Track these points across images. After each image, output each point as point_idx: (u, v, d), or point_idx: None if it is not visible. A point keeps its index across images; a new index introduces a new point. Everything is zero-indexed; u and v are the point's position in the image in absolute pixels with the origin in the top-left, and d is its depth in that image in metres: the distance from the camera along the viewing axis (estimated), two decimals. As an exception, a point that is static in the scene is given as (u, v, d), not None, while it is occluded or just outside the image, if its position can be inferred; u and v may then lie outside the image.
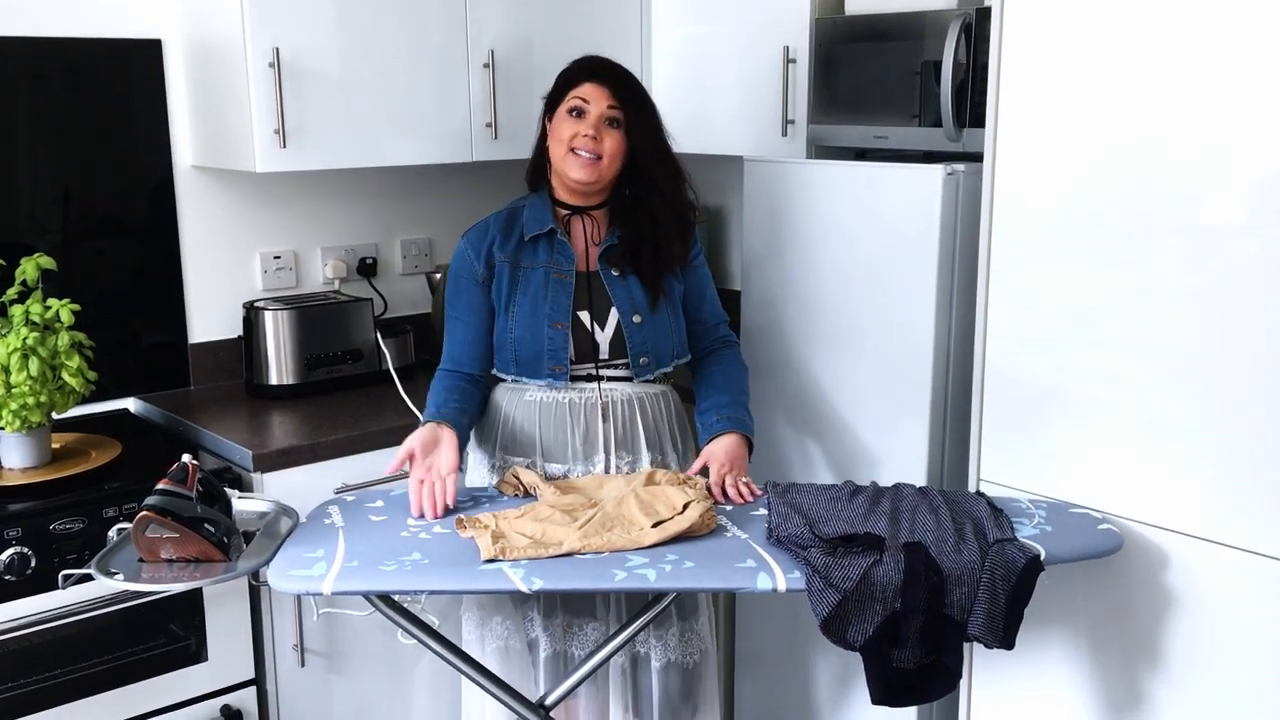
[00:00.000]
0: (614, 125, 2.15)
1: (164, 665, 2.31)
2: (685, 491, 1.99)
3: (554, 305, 2.19)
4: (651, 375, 2.24)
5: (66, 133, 2.61)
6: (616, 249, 2.23)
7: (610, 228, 2.24)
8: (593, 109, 2.14)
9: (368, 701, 2.56)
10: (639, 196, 2.22)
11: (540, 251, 2.22)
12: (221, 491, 1.94)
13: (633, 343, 2.21)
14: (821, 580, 1.75)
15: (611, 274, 2.22)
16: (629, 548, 1.85)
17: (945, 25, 2.33)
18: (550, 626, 2.24)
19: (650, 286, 2.23)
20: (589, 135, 2.13)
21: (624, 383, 2.24)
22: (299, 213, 2.97)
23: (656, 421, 2.26)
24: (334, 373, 2.81)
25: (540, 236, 2.22)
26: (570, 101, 2.16)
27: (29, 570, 2.13)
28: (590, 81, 2.15)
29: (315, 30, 2.53)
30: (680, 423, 2.33)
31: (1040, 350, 2.10)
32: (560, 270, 2.20)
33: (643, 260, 2.22)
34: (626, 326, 2.21)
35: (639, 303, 2.22)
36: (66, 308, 2.25)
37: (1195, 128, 1.85)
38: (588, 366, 2.21)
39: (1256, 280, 1.81)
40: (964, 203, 2.27)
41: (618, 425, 2.22)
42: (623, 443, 2.23)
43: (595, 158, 2.14)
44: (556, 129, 2.17)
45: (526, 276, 2.21)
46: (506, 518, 1.94)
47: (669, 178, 2.22)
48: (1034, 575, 1.82)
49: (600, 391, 2.22)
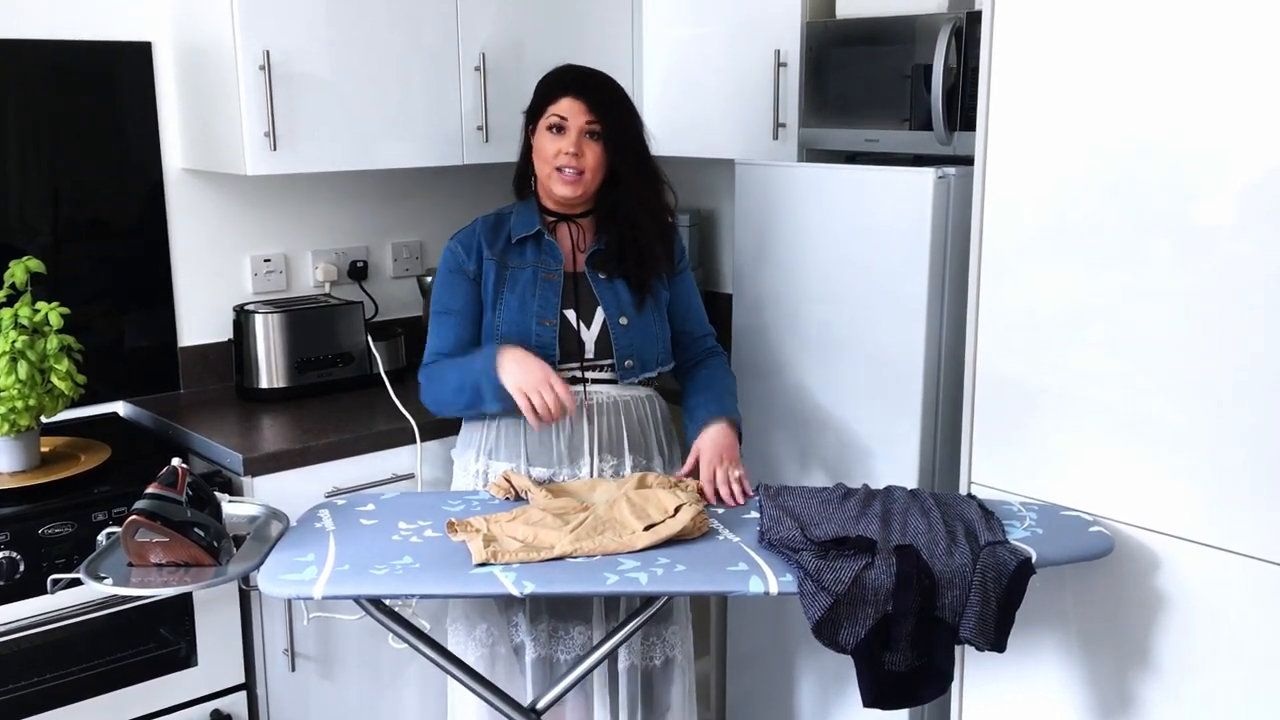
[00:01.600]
0: (593, 138, 2.18)
1: (154, 670, 2.30)
2: (677, 494, 1.99)
3: (543, 303, 2.20)
4: (636, 379, 2.25)
5: (56, 135, 2.60)
6: (602, 254, 2.25)
7: (596, 234, 2.26)
8: (571, 124, 2.16)
9: (358, 706, 2.55)
10: (618, 202, 2.24)
11: (528, 252, 2.24)
12: (211, 495, 1.94)
13: (619, 344, 2.22)
14: (813, 583, 1.75)
15: (599, 277, 2.24)
16: (621, 551, 1.84)
17: (936, 29, 2.34)
18: (535, 631, 2.24)
19: (637, 289, 2.24)
20: (571, 153, 2.15)
21: (608, 385, 2.24)
22: (289, 216, 2.96)
23: (642, 425, 2.26)
24: (324, 376, 2.80)
25: (527, 238, 2.24)
26: (549, 119, 2.18)
27: (17, 575, 2.12)
28: (566, 96, 2.18)
29: (305, 33, 2.53)
30: (666, 428, 2.34)
31: (1031, 353, 2.10)
32: (548, 270, 2.22)
33: (628, 263, 2.24)
34: (613, 327, 2.22)
35: (625, 304, 2.23)
36: (56, 311, 2.24)
37: (1185, 130, 1.86)
38: (573, 366, 2.22)
39: (1247, 283, 1.82)
40: (955, 206, 2.27)
41: (602, 428, 2.22)
42: (607, 446, 2.23)
43: (578, 173, 2.16)
44: (539, 146, 2.20)
45: (514, 276, 2.22)
46: (498, 521, 1.93)
47: (646, 183, 2.24)
48: (1025, 578, 1.82)
49: (585, 394, 2.22)
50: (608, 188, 2.24)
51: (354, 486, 2.45)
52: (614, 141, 2.19)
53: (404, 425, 2.53)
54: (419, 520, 2.00)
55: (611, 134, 2.18)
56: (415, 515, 2.02)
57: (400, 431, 2.52)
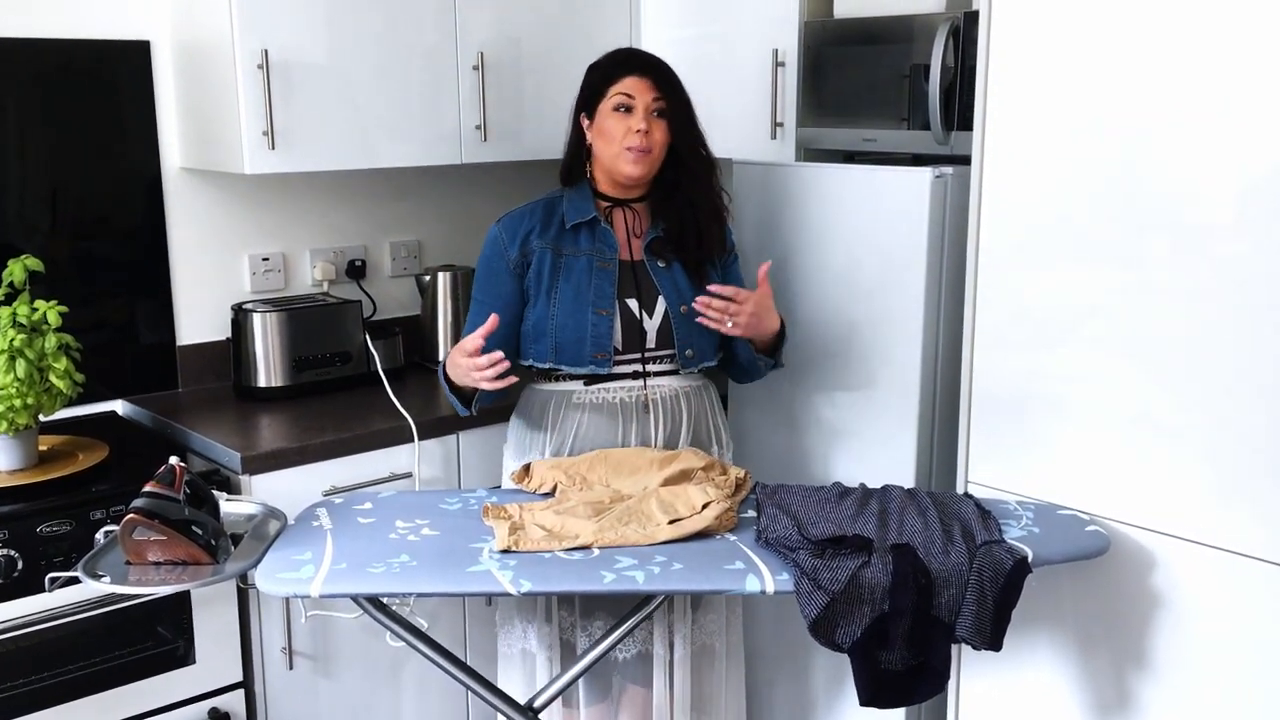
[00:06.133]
0: (660, 116, 2.17)
1: (152, 668, 2.30)
2: (706, 491, 2.00)
3: (598, 292, 2.19)
4: (696, 368, 2.26)
5: (54, 134, 2.60)
6: (660, 239, 2.24)
7: (652, 220, 2.26)
8: (639, 103, 2.15)
9: (356, 704, 2.55)
10: (677, 184, 2.23)
11: (582, 239, 2.22)
12: (209, 494, 1.94)
13: (679, 333, 2.22)
14: (810, 582, 1.76)
15: (657, 265, 2.23)
16: (643, 543, 1.86)
17: (933, 29, 2.34)
18: (589, 627, 2.23)
19: (694, 274, 2.24)
20: (642, 130, 2.14)
21: (669, 377, 2.24)
22: (288, 214, 2.96)
23: (699, 415, 2.27)
24: (322, 375, 2.80)
25: (581, 225, 2.22)
26: (614, 98, 2.16)
27: (15, 573, 2.12)
28: (631, 75, 2.17)
29: (304, 32, 2.53)
30: (720, 418, 2.34)
31: (1028, 352, 2.10)
32: (603, 258, 2.21)
33: (686, 248, 2.23)
34: (674, 316, 2.21)
35: (684, 292, 2.22)
36: (54, 309, 2.24)
37: (1183, 129, 1.86)
38: (634, 357, 2.21)
39: (1244, 282, 1.82)
40: (952, 205, 2.28)
41: (665, 422, 2.23)
42: (670, 440, 2.23)
43: (646, 152, 2.15)
44: (604, 127, 2.18)
45: (569, 263, 2.21)
46: (530, 510, 1.96)
47: (705, 166, 2.24)
48: (1021, 577, 1.83)
49: (646, 388, 2.22)
50: (665, 170, 2.23)
51: (352, 485, 2.45)
52: (678, 120, 2.18)
53: (402, 424, 2.53)
54: (416, 519, 2.00)
55: (675, 113, 2.18)
56: (413, 514, 2.03)
57: (398, 430, 2.53)
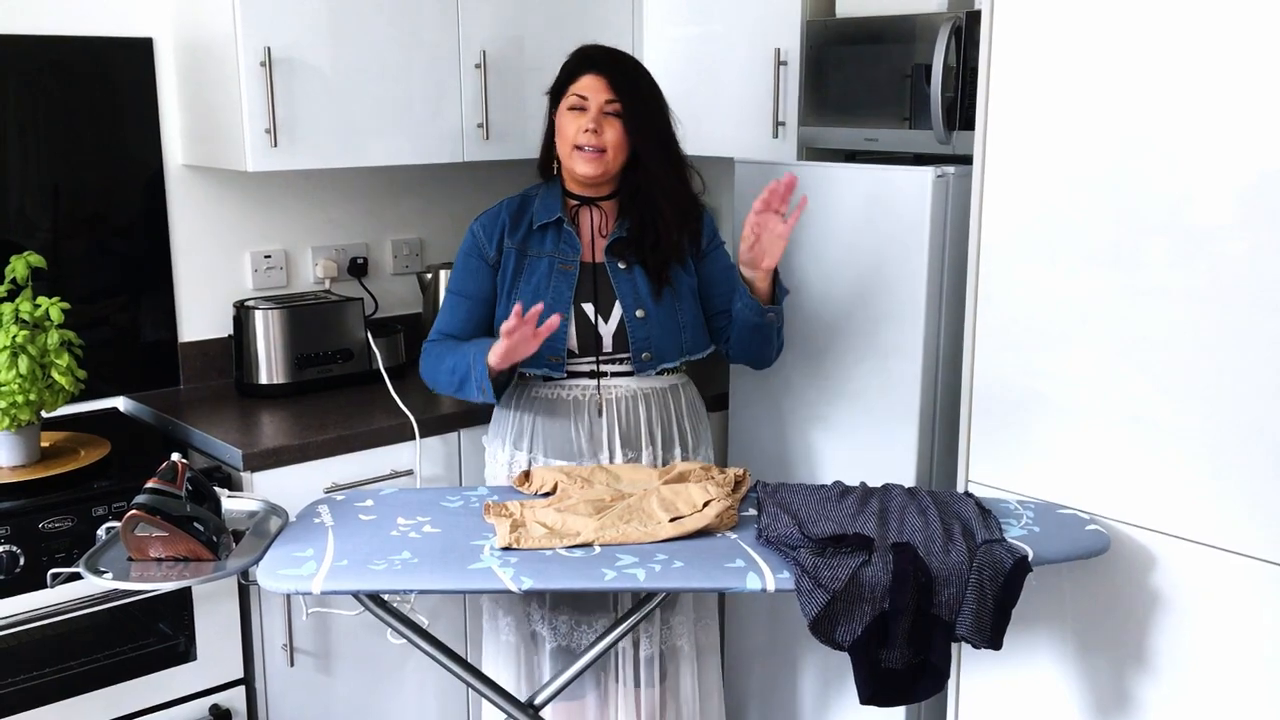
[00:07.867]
0: (614, 116, 2.16)
1: (153, 664, 2.30)
2: (707, 489, 2.00)
3: (556, 295, 2.19)
4: (654, 370, 2.25)
5: (57, 131, 2.60)
6: (622, 240, 2.23)
7: (618, 219, 2.25)
8: (591, 103, 2.15)
9: (357, 701, 2.55)
10: (639, 185, 2.22)
11: (548, 240, 2.23)
12: (211, 490, 1.94)
13: (634, 337, 2.21)
14: (810, 580, 1.76)
15: (617, 266, 2.23)
16: (644, 540, 1.86)
17: (935, 28, 2.34)
18: (555, 621, 2.24)
19: (654, 278, 2.22)
20: (590, 130, 2.14)
21: (626, 378, 2.24)
22: (290, 212, 2.96)
23: (663, 416, 2.26)
24: (324, 372, 2.81)
25: (548, 225, 2.23)
26: (570, 98, 2.17)
27: (17, 569, 2.12)
28: (588, 74, 2.16)
29: (306, 29, 2.53)
30: (693, 417, 2.33)
31: (1029, 351, 2.11)
32: (565, 260, 2.21)
33: (645, 249, 2.22)
34: (629, 321, 2.21)
35: (643, 296, 2.22)
36: (56, 306, 2.25)
37: (1184, 130, 1.86)
38: (589, 360, 2.21)
39: (1244, 282, 1.82)
40: (953, 205, 2.28)
41: (620, 422, 2.22)
42: (626, 440, 2.23)
43: (599, 151, 2.15)
44: (561, 125, 2.19)
45: (532, 265, 2.22)
46: (532, 507, 1.97)
47: (667, 167, 2.22)
48: (1022, 576, 1.83)
49: (599, 388, 2.22)
50: (630, 170, 2.22)
51: (353, 482, 2.45)
52: (634, 121, 2.16)
53: (403, 421, 2.53)
54: (417, 516, 2.00)
55: (632, 113, 2.16)
56: (414, 511, 2.03)
57: (399, 428, 2.53)
